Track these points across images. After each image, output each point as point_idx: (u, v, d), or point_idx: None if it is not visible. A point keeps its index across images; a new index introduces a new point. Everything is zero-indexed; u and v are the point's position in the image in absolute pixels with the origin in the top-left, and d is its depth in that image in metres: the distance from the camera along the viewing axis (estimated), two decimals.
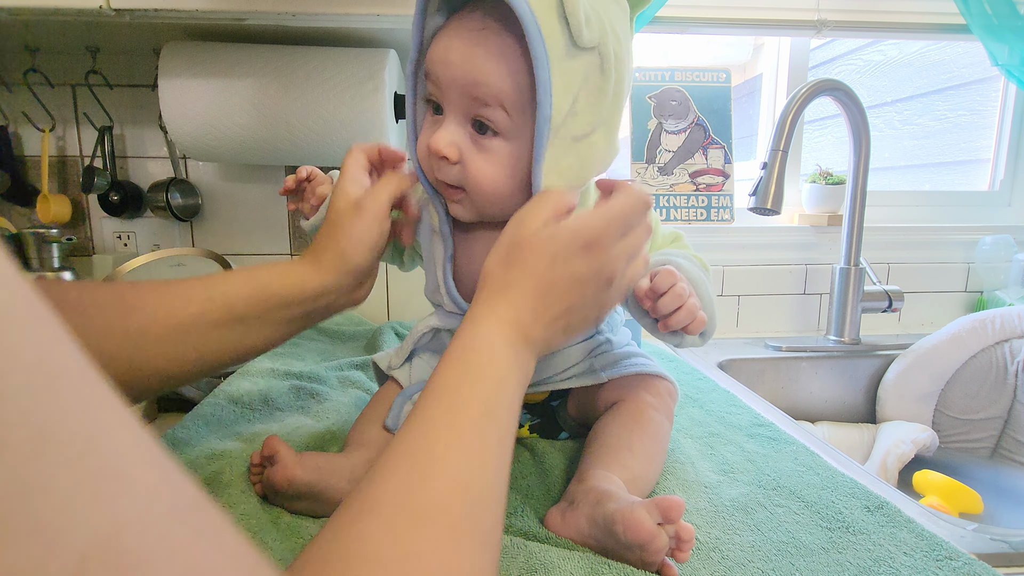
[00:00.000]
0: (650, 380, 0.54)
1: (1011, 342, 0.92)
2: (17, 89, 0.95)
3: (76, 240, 0.98)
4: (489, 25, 0.42)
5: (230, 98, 0.81)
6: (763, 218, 1.11)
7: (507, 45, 0.42)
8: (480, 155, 0.45)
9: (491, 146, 0.44)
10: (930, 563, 0.39)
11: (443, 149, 0.44)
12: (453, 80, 0.43)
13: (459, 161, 0.45)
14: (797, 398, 0.99)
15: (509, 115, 0.43)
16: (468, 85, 0.43)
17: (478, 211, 0.48)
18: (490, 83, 0.42)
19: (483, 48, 0.42)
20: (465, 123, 0.44)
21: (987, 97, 1.26)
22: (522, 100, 0.43)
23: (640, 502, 0.38)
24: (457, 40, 0.43)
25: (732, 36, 1.19)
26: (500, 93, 0.42)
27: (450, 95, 0.44)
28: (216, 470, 0.48)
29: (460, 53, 0.43)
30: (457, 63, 0.43)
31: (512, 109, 0.43)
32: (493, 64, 0.42)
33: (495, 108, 0.43)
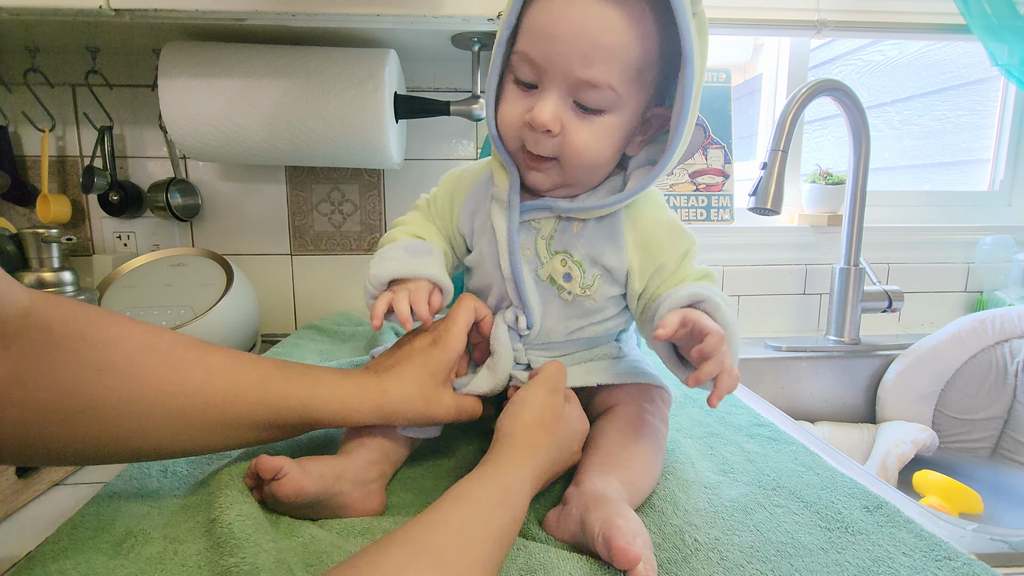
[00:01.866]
0: (646, 386, 0.54)
1: (1011, 342, 0.92)
2: (17, 89, 0.95)
3: (76, 240, 0.98)
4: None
5: (230, 98, 0.81)
6: (763, 218, 1.11)
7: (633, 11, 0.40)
8: (584, 128, 0.44)
9: (596, 120, 0.44)
10: (929, 563, 0.39)
11: (548, 123, 0.43)
12: (561, 57, 0.42)
13: (560, 133, 0.44)
14: (797, 398, 0.99)
15: (618, 92, 0.42)
16: (576, 64, 0.41)
17: (563, 180, 0.48)
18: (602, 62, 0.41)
19: (602, 19, 0.40)
20: (567, 98, 0.43)
21: (987, 97, 1.26)
22: (639, 71, 0.43)
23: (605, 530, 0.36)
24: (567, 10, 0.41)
25: (732, 36, 1.19)
26: (612, 71, 0.41)
27: (555, 71, 0.42)
28: (216, 470, 0.48)
29: (571, 26, 0.41)
30: (564, 38, 0.41)
31: (623, 84, 0.42)
32: (614, 38, 0.41)
33: (602, 90, 0.42)
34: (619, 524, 0.37)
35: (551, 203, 0.49)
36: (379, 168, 1.04)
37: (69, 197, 0.99)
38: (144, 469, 0.51)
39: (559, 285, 0.51)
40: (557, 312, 0.52)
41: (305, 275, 1.07)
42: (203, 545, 0.39)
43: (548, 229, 0.51)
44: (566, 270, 0.51)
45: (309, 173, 1.04)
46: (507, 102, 0.46)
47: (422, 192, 0.62)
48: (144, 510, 0.44)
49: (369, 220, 1.06)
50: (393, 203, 1.06)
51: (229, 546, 0.38)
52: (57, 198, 0.97)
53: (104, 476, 0.54)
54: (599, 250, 0.50)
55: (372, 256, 0.54)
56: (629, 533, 0.36)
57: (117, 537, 0.41)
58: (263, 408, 0.42)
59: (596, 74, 0.41)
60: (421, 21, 0.75)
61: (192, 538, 0.40)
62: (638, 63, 0.42)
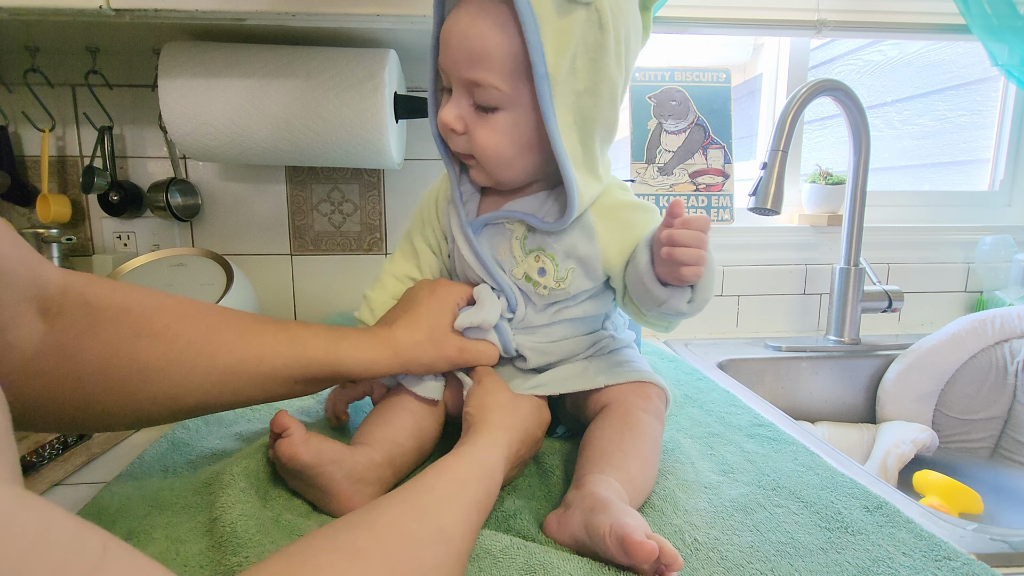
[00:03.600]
0: (640, 384, 0.54)
1: (1011, 342, 0.92)
2: (17, 89, 0.95)
3: (76, 240, 0.98)
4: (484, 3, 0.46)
5: (230, 98, 0.81)
6: (763, 218, 1.11)
7: (498, 17, 0.45)
8: (483, 126, 0.50)
9: (492, 118, 0.49)
10: (929, 563, 0.39)
11: (451, 122, 0.50)
12: (453, 62, 0.48)
13: (465, 132, 0.50)
14: (797, 398, 0.99)
15: (502, 89, 0.47)
16: (463, 68, 0.48)
17: (491, 176, 0.53)
18: (481, 64, 0.47)
19: (476, 27, 0.46)
20: (469, 97, 0.49)
21: (987, 97, 1.26)
22: (517, 69, 0.47)
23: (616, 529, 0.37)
24: (455, 23, 0.48)
25: (732, 36, 1.19)
26: (491, 72, 0.47)
27: (453, 75, 0.49)
28: (216, 470, 0.48)
29: (456, 35, 0.47)
30: (454, 46, 0.48)
31: (505, 82, 0.47)
32: (484, 42, 0.46)
33: (487, 89, 0.48)
34: (629, 523, 0.37)
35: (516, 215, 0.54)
36: (379, 168, 1.04)
37: (69, 197, 0.99)
38: (145, 469, 0.51)
39: (534, 281, 0.54)
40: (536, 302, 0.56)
41: (305, 275, 1.07)
42: (205, 545, 0.40)
43: (521, 231, 0.54)
44: (540, 265, 0.54)
45: (309, 173, 1.04)
46: (441, 110, 0.52)
47: (422, 192, 0.63)
48: (146, 510, 0.44)
49: (369, 220, 1.06)
50: (393, 203, 1.06)
51: (231, 546, 0.38)
52: (57, 198, 0.97)
53: (104, 476, 0.54)
54: (571, 243, 0.53)
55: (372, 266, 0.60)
56: (641, 530, 0.36)
57: (119, 537, 0.40)
58: (296, 363, 0.47)
59: (479, 74, 0.47)
60: (421, 21, 0.75)
61: (194, 538, 0.40)
62: (513, 62, 0.46)
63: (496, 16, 0.45)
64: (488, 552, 0.38)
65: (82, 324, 0.39)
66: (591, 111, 0.48)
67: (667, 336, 1.09)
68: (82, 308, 0.39)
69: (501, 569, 0.37)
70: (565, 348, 0.57)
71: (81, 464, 0.56)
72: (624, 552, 0.36)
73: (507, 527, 0.44)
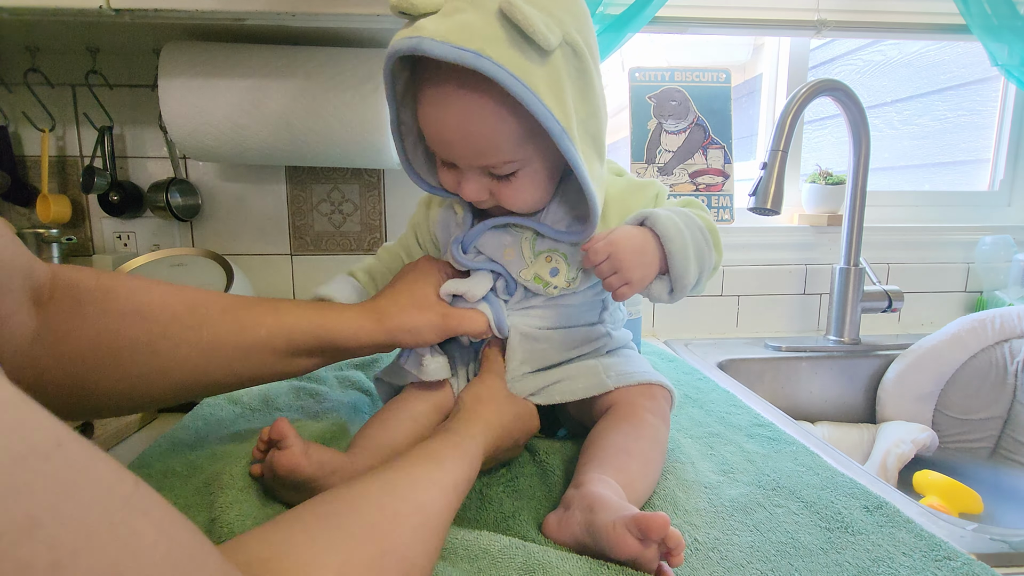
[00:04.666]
0: (647, 386, 0.54)
1: (1011, 342, 0.92)
2: (17, 89, 0.95)
3: (76, 240, 0.98)
4: (464, 81, 0.44)
5: (230, 98, 0.81)
6: (763, 218, 1.11)
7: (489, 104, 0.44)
8: (507, 189, 0.50)
9: (514, 180, 0.49)
10: (929, 563, 0.39)
11: (476, 197, 0.50)
12: (459, 156, 0.48)
13: (491, 196, 0.51)
14: (797, 398, 0.99)
15: (517, 160, 0.48)
16: (472, 159, 0.48)
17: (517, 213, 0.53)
18: (491, 153, 0.47)
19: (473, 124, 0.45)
20: (483, 174, 0.49)
21: (987, 97, 1.26)
22: (524, 137, 0.47)
23: (623, 519, 0.37)
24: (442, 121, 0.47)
25: (732, 36, 1.19)
26: (502, 153, 0.47)
27: (461, 162, 0.49)
28: (216, 470, 0.48)
29: (453, 134, 0.47)
30: (455, 144, 0.47)
31: (518, 152, 0.47)
32: (488, 135, 0.46)
33: (502, 165, 0.48)
34: (619, 525, 0.37)
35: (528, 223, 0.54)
36: (379, 168, 1.04)
37: (69, 197, 0.99)
38: (145, 469, 0.51)
39: (544, 282, 0.54)
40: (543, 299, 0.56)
41: (305, 275, 1.07)
42: None
43: (530, 232, 0.54)
44: (552, 265, 0.54)
45: (309, 173, 1.04)
46: (441, 172, 0.52)
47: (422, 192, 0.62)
48: None
49: (369, 220, 1.06)
50: (393, 203, 1.06)
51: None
52: (57, 198, 0.97)
53: None
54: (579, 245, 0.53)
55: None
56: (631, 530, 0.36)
57: None
58: (281, 332, 0.47)
59: (492, 159, 0.47)
60: None
61: None
62: (520, 133, 0.46)
63: (487, 105, 0.44)
64: (487, 552, 0.38)
65: (71, 308, 0.40)
66: (596, 129, 0.48)
67: (667, 336, 1.09)
68: (70, 293, 0.40)
69: (500, 569, 0.37)
70: (558, 339, 0.56)
71: None
72: (640, 531, 0.36)
73: (506, 527, 0.43)
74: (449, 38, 0.41)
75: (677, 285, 0.48)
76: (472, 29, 0.41)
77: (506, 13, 0.41)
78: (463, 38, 0.41)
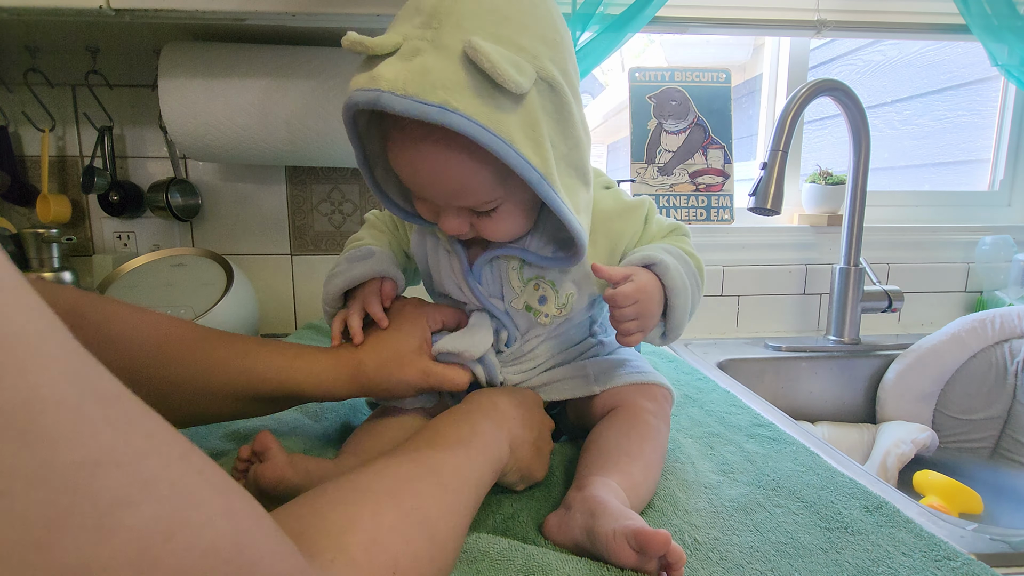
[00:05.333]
0: (647, 386, 0.54)
1: (1011, 342, 0.92)
2: (17, 89, 0.95)
3: (76, 240, 0.98)
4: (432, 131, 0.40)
5: (230, 98, 0.81)
6: (763, 218, 1.11)
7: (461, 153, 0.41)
8: (489, 223, 0.47)
9: (495, 215, 0.46)
10: (929, 563, 0.39)
11: (457, 231, 0.47)
12: (435, 197, 0.45)
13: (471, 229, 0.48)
14: (797, 398, 0.99)
15: (495, 199, 0.45)
16: (449, 200, 0.45)
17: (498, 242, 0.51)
18: (468, 195, 0.44)
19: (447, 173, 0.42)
20: (463, 210, 0.46)
21: (987, 97, 1.26)
22: (501, 177, 0.44)
23: (624, 529, 0.37)
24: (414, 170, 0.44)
25: (732, 36, 1.19)
26: (479, 194, 0.44)
27: (438, 201, 0.46)
28: None
29: (425, 180, 0.44)
30: (429, 188, 0.44)
31: (496, 191, 0.45)
32: (463, 181, 0.43)
33: (481, 204, 0.45)
34: (635, 521, 0.37)
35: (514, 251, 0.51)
36: None
37: (69, 197, 0.99)
38: None
39: (535, 310, 0.52)
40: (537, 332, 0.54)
41: (305, 275, 1.07)
42: None
43: (517, 260, 0.52)
44: (540, 293, 0.52)
45: (309, 173, 1.04)
46: (417, 203, 0.49)
47: None
48: None
49: None
50: None
51: None
52: (57, 198, 0.97)
53: None
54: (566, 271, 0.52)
55: None
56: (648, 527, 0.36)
57: None
58: (245, 379, 0.45)
59: (470, 200, 0.45)
60: None
61: None
62: (495, 177, 0.43)
63: (457, 155, 0.41)
64: (486, 555, 0.38)
65: None
66: (579, 159, 0.45)
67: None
68: None
69: (499, 571, 0.37)
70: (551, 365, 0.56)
71: None
72: (639, 546, 0.35)
73: (505, 529, 0.43)
74: (409, 90, 0.37)
75: (672, 334, 0.49)
76: (434, 77, 0.37)
77: (471, 59, 0.37)
78: (424, 89, 0.37)
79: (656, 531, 0.35)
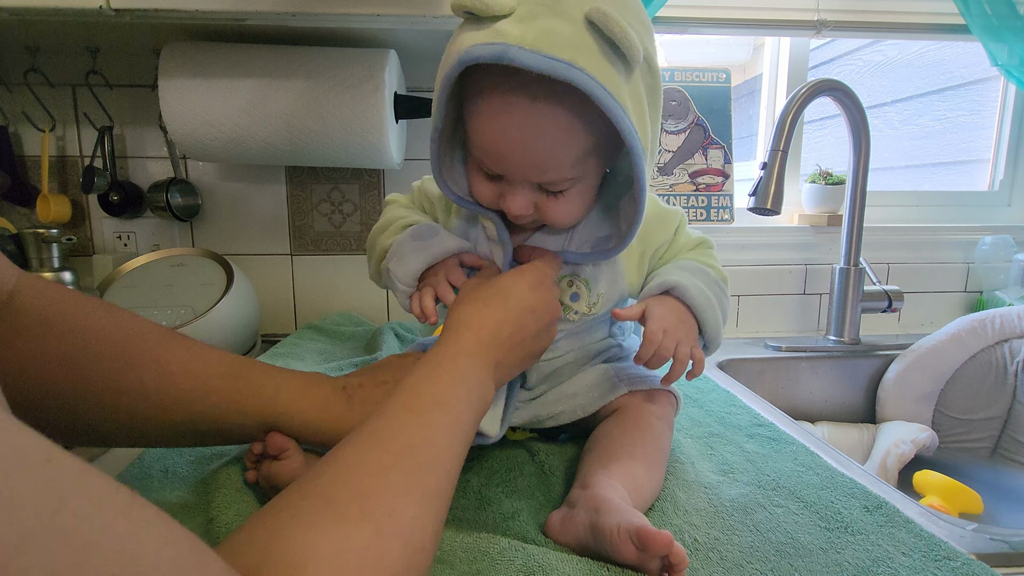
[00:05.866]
0: (654, 390, 0.54)
1: (1011, 342, 0.92)
2: (17, 89, 0.95)
3: (76, 240, 0.98)
4: (538, 93, 0.40)
5: (230, 98, 0.81)
6: (763, 218, 1.11)
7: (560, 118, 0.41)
8: (554, 205, 0.47)
9: (563, 196, 0.46)
10: (928, 563, 0.39)
11: (521, 212, 0.46)
12: (516, 169, 0.44)
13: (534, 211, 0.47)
14: (797, 398, 0.99)
15: (574, 178, 0.45)
16: (529, 174, 0.44)
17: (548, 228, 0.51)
18: (552, 169, 0.44)
19: (540, 139, 0.42)
20: (533, 188, 0.46)
21: (987, 97, 1.26)
22: (586, 155, 0.44)
23: (627, 525, 0.36)
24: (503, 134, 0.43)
25: (732, 36, 1.19)
26: (562, 169, 0.44)
27: (514, 175, 0.45)
28: (214, 470, 0.48)
29: (513, 147, 0.43)
30: (513, 157, 0.43)
31: (576, 169, 0.45)
32: (554, 151, 0.43)
33: (561, 181, 0.45)
34: (636, 520, 0.37)
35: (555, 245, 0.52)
36: (379, 168, 1.04)
37: (69, 197, 0.99)
38: (145, 470, 0.51)
39: (566, 306, 0.53)
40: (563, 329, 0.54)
41: (305, 275, 1.07)
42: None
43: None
44: (573, 290, 0.53)
45: (309, 173, 1.04)
46: (478, 183, 0.48)
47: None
48: None
49: (369, 220, 1.06)
50: None
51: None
52: (57, 198, 0.97)
53: None
54: (599, 268, 0.53)
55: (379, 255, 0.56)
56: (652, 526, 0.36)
57: None
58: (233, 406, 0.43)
59: (552, 173, 0.44)
60: (421, 21, 0.75)
61: None
62: (585, 149, 0.44)
63: (560, 119, 0.41)
64: (486, 554, 0.38)
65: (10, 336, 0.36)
66: (655, 148, 0.46)
67: None
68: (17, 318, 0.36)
69: (499, 571, 0.37)
70: (571, 358, 0.56)
71: None
72: (640, 544, 0.35)
73: (505, 529, 0.43)
74: (538, 46, 0.38)
75: (712, 345, 0.51)
76: (560, 37, 0.38)
77: (595, 22, 0.38)
78: (553, 47, 0.38)
79: (659, 531, 0.35)
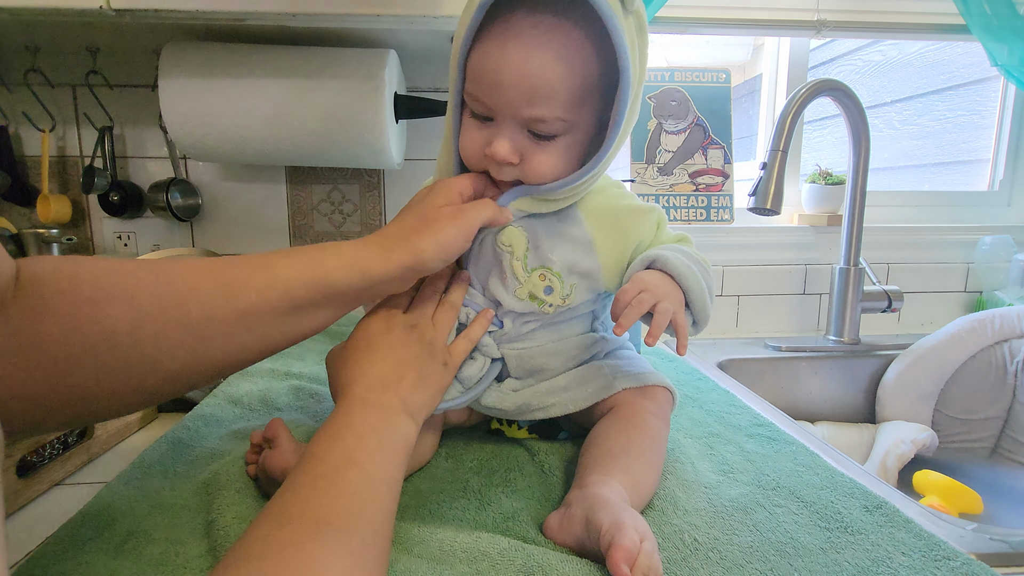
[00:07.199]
0: (648, 387, 0.54)
1: (1010, 342, 0.92)
2: (17, 89, 0.95)
3: (76, 240, 0.98)
4: (543, 19, 0.42)
5: (230, 98, 0.81)
6: (763, 218, 1.11)
7: (560, 48, 0.42)
8: (539, 154, 0.46)
9: (549, 145, 0.46)
10: (928, 563, 0.39)
11: (507, 157, 0.46)
12: (508, 102, 0.44)
13: (520, 162, 0.47)
14: (797, 398, 0.99)
15: (567, 120, 0.45)
16: (522, 107, 0.44)
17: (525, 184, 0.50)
18: (546, 101, 0.44)
19: (536, 65, 0.42)
20: (521, 130, 0.46)
21: (986, 97, 1.26)
22: (582, 96, 0.44)
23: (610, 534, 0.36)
24: (503, 60, 0.43)
25: (732, 36, 1.19)
26: (556, 106, 0.44)
27: (505, 112, 0.45)
28: (215, 470, 0.48)
29: (510, 74, 0.43)
30: (508, 85, 0.43)
31: (570, 112, 0.45)
32: (549, 79, 0.43)
33: (552, 121, 0.44)
34: (626, 522, 0.36)
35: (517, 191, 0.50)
36: (379, 168, 1.04)
37: (69, 197, 0.99)
38: (146, 469, 0.51)
39: (540, 299, 0.52)
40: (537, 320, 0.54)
41: None
42: (205, 547, 0.40)
43: (521, 249, 0.51)
44: (546, 283, 0.52)
45: (309, 173, 1.04)
46: (466, 134, 0.48)
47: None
48: (147, 510, 0.44)
49: (369, 220, 1.06)
50: (393, 203, 1.06)
51: (227, 549, 0.38)
52: (57, 198, 0.97)
53: (104, 476, 0.54)
54: (572, 259, 0.51)
55: None
56: (635, 532, 0.36)
57: (119, 537, 0.41)
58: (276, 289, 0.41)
59: (543, 111, 0.44)
60: (421, 21, 0.75)
61: (194, 539, 0.40)
62: (580, 90, 0.44)
63: (564, 45, 0.42)
64: (486, 555, 0.38)
65: (35, 304, 0.34)
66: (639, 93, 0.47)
67: (666, 336, 1.09)
68: (32, 288, 0.35)
69: (499, 572, 0.37)
70: (554, 350, 0.55)
71: (81, 464, 0.56)
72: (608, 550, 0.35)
73: (505, 529, 0.43)
74: None
75: (700, 317, 0.49)
76: None
77: None
78: None
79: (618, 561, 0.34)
